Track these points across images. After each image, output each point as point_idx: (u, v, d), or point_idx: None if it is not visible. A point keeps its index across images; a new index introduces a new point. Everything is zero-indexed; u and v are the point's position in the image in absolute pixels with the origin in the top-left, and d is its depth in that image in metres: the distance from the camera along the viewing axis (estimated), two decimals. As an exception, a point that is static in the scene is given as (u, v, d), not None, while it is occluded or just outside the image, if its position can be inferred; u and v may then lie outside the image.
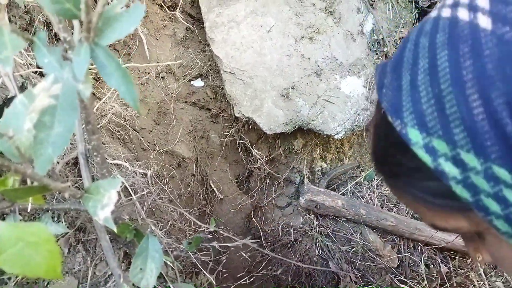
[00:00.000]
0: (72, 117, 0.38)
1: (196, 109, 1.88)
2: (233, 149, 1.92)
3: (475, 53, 0.24)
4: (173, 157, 1.75)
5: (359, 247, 1.57)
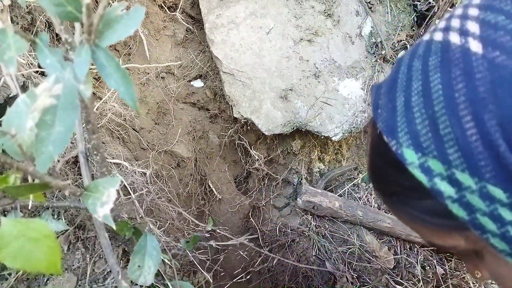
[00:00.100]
0: (72, 116, 0.39)
1: (195, 109, 1.89)
2: (232, 150, 1.93)
3: (467, 76, 0.24)
4: (172, 157, 1.76)
5: (356, 248, 1.58)
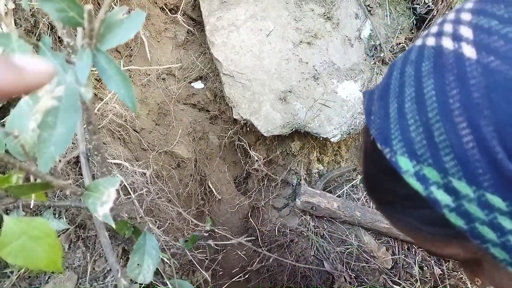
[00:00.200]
0: (74, 118, 0.40)
1: (195, 110, 1.90)
2: (232, 151, 1.95)
3: (461, 81, 0.24)
4: (172, 157, 1.78)
5: (354, 248, 1.59)
